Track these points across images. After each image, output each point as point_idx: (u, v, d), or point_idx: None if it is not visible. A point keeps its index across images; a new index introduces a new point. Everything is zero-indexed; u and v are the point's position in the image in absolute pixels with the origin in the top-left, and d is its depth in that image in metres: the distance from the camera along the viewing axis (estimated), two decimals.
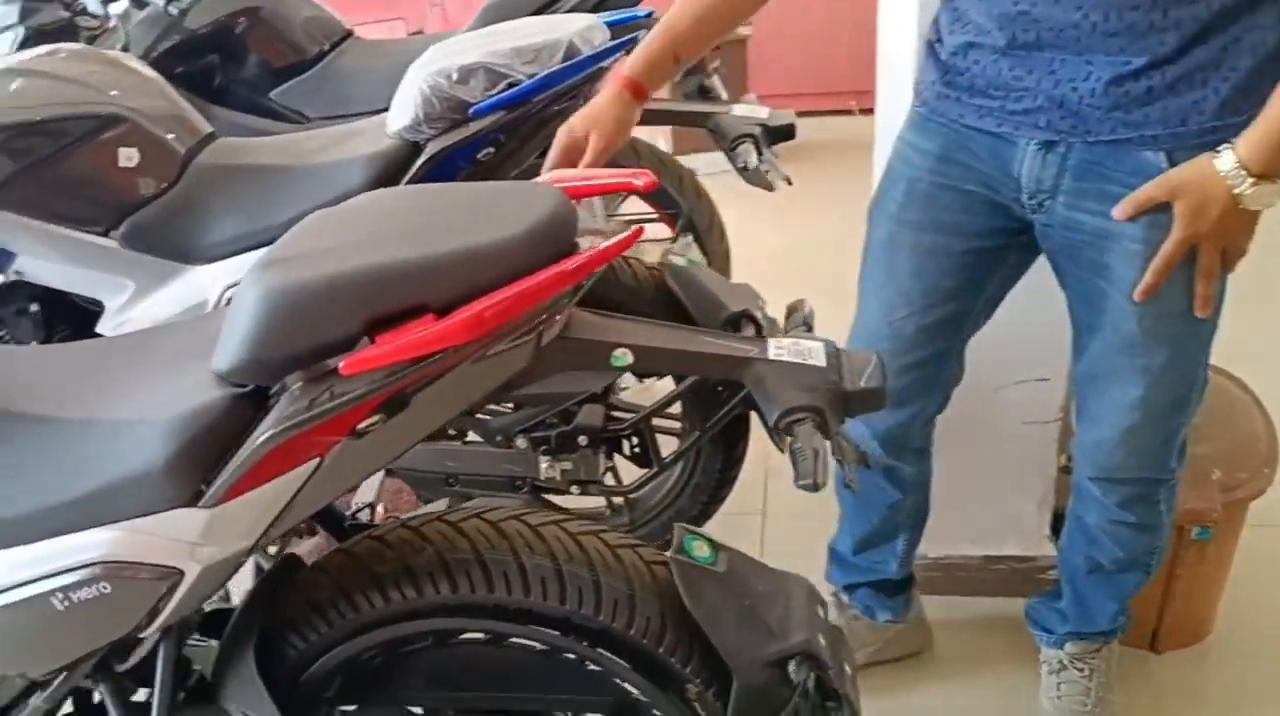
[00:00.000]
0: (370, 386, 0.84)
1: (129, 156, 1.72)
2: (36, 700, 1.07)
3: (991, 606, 1.96)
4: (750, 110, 1.91)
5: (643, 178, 0.98)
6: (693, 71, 2.36)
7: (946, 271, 1.42)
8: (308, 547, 1.63)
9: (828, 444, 0.96)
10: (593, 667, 1.11)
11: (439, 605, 1.06)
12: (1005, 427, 1.86)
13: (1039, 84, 1.22)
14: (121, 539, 0.92)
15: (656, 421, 1.77)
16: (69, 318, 1.91)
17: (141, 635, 1.00)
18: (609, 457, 1.81)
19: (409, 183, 1.60)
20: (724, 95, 2.43)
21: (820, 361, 0.98)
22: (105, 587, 0.94)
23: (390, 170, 1.63)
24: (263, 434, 0.86)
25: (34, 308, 1.88)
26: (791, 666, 1.03)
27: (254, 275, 0.88)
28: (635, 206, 2.44)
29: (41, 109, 1.76)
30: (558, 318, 0.94)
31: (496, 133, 1.61)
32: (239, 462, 0.87)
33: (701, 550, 1.07)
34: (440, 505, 1.77)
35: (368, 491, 1.59)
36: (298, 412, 0.85)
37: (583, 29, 1.65)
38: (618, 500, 1.96)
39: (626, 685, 1.11)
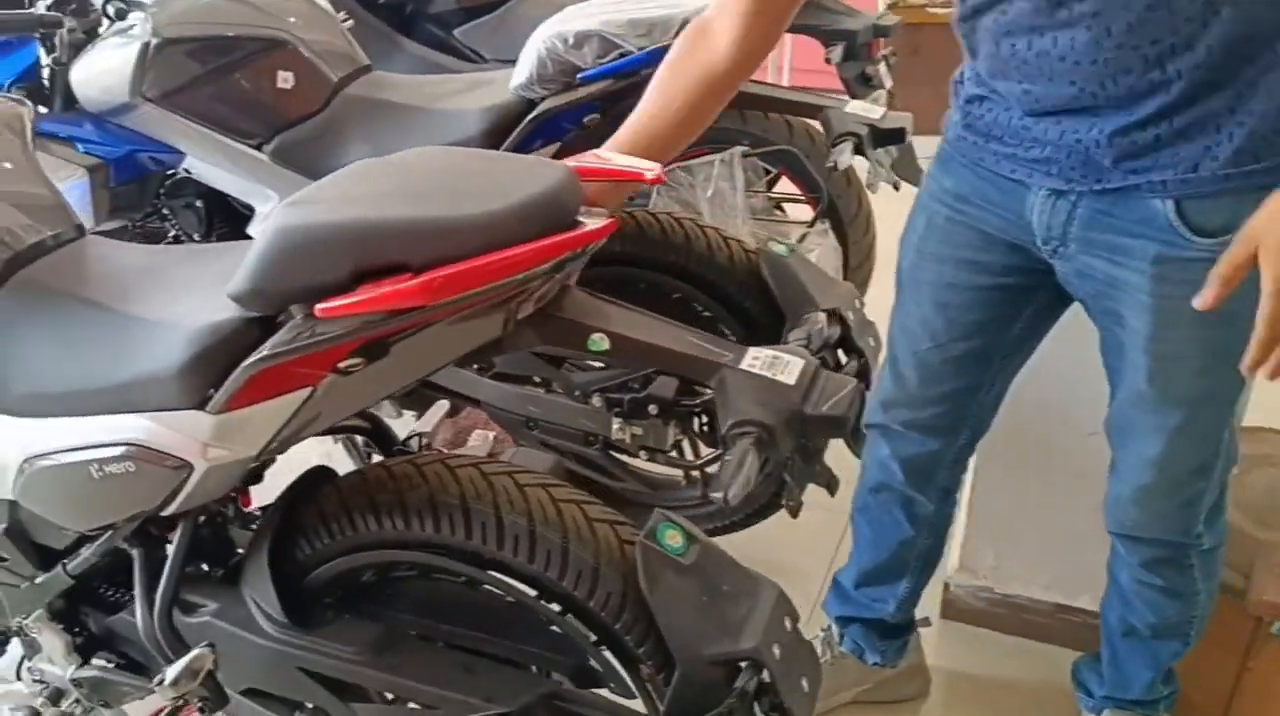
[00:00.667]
0: (346, 330, 0.91)
1: (285, 79, 1.88)
2: (86, 551, 1.23)
3: (1043, 653, 1.87)
4: (865, 109, 1.85)
5: (654, 170, 1.00)
6: (854, 55, 2.29)
7: (970, 305, 1.36)
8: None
9: (793, 462, 0.95)
10: (557, 630, 1.16)
11: (422, 540, 1.14)
12: (1095, 477, 1.75)
13: (1046, 134, 1.17)
14: (147, 427, 1.04)
15: None
16: (227, 217, 2.11)
17: (164, 514, 1.13)
18: (680, 430, 1.83)
19: (515, 138, 1.66)
20: (887, 84, 2.34)
21: (790, 379, 0.97)
22: (131, 467, 1.07)
23: (503, 123, 1.70)
24: (252, 357, 0.94)
25: (198, 203, 2.10)
26: (740, 669, 1.05)
27: (278, 210, 0.96)
28: (786, 187, 2.41)
29: (228, 26, 1.94)
30: (536, 293, 0.97)
31: (603, 100, 1.64)
32: (234, 379, 0.96)
33: (674, 540, 1.09)
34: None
35: (429, 421, 1.69)
36: (281, 344, 0.93)
37: (702, 7, 1.64)
38: (695, 473, 1.99)
39: (586, 652, 1.15)
